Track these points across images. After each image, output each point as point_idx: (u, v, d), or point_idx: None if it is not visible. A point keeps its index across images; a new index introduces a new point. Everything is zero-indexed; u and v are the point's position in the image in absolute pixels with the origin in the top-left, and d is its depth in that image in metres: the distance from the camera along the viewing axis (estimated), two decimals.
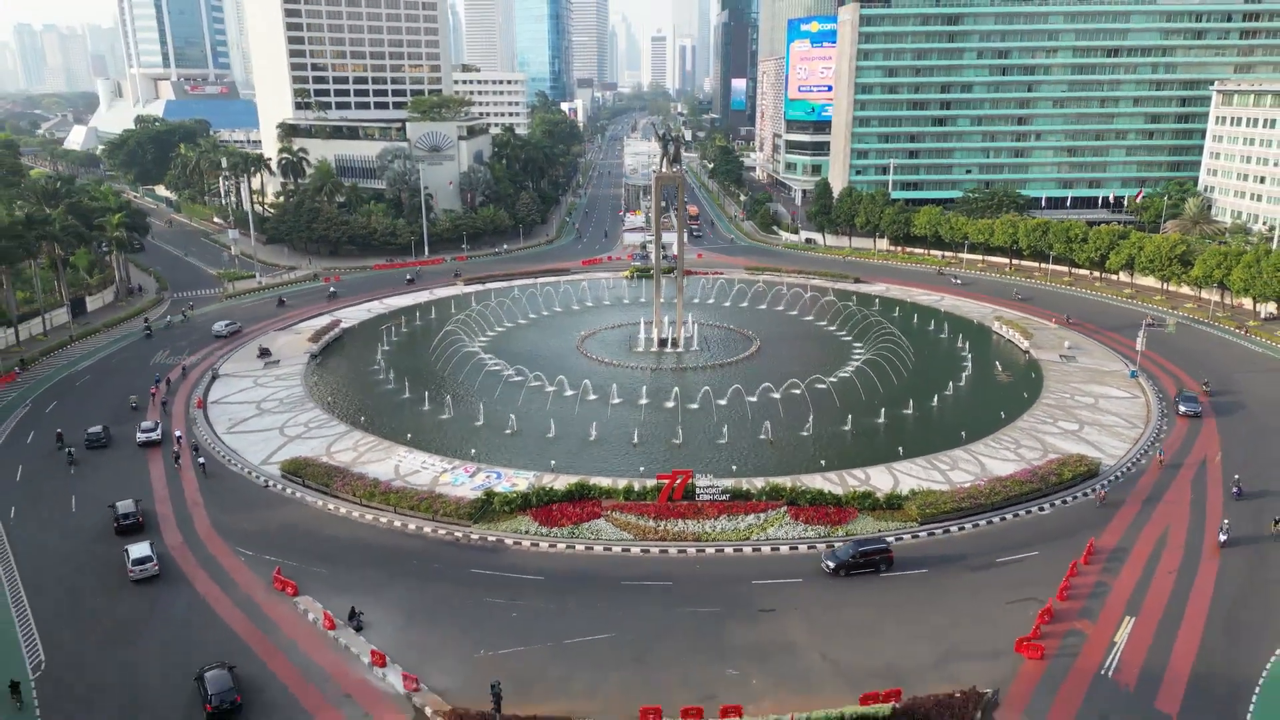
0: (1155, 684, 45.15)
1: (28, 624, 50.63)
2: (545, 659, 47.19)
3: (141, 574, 54.46)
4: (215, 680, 43.38)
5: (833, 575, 54.67)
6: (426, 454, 72.33)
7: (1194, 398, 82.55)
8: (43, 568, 56.68)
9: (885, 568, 55.18)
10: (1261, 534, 59.49)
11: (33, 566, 56.78)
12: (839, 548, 56.77)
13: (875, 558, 55.17)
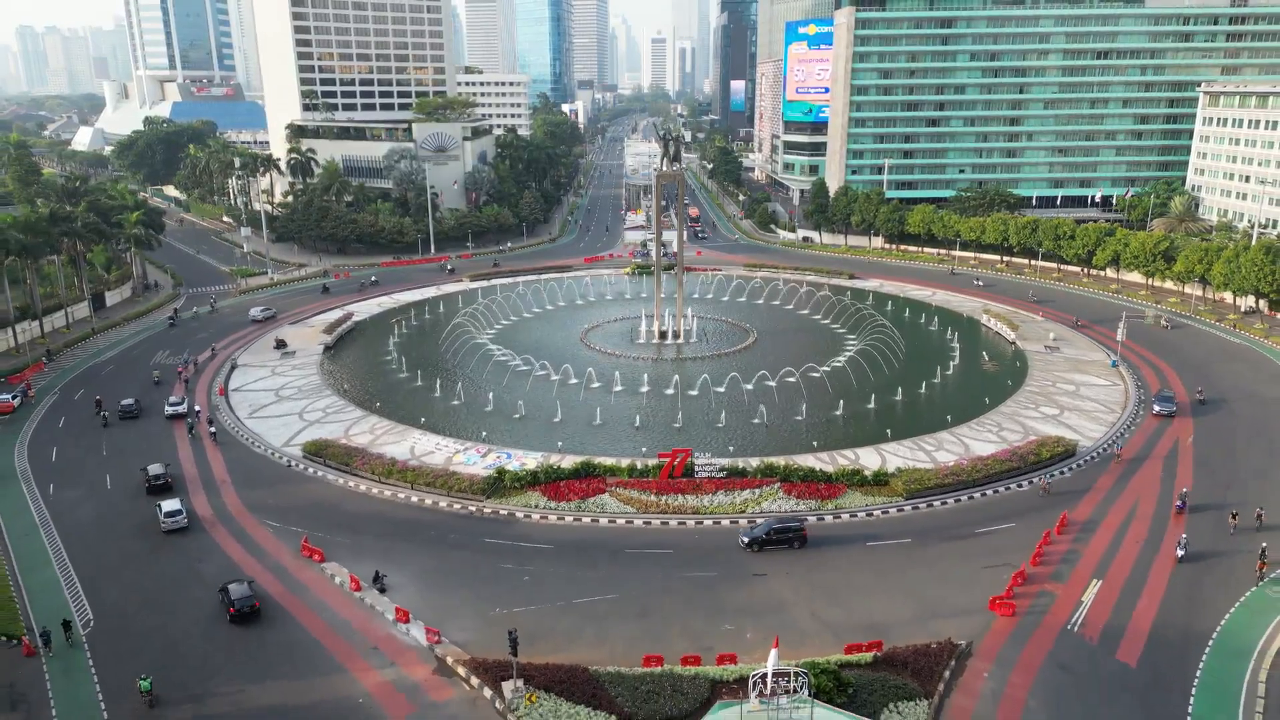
0: (1117, 638, 49.15)
1: (69, 576, 54.77)
2: (556, 616, 51.18)
3: (173, 525, 60.99)
4: (237, 590, 51.15)
5: (747, 549, 58.23)
6: (440, 436, 76.38)
7: (1170, 398, 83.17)
8: (82, 523, 61.57)
9: (799, 544, 58.38)
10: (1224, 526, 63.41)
11: (73, 523, 61.59)
12: (757, 524, 60.16)
13: (789, 535, 58.55)
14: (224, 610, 50.68)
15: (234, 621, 50.02)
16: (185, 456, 74.12)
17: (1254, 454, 73.24)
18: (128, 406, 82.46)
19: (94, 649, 48.42)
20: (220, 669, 46.62)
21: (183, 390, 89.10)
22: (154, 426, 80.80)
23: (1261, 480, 67.99)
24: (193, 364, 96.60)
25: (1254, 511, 60.61)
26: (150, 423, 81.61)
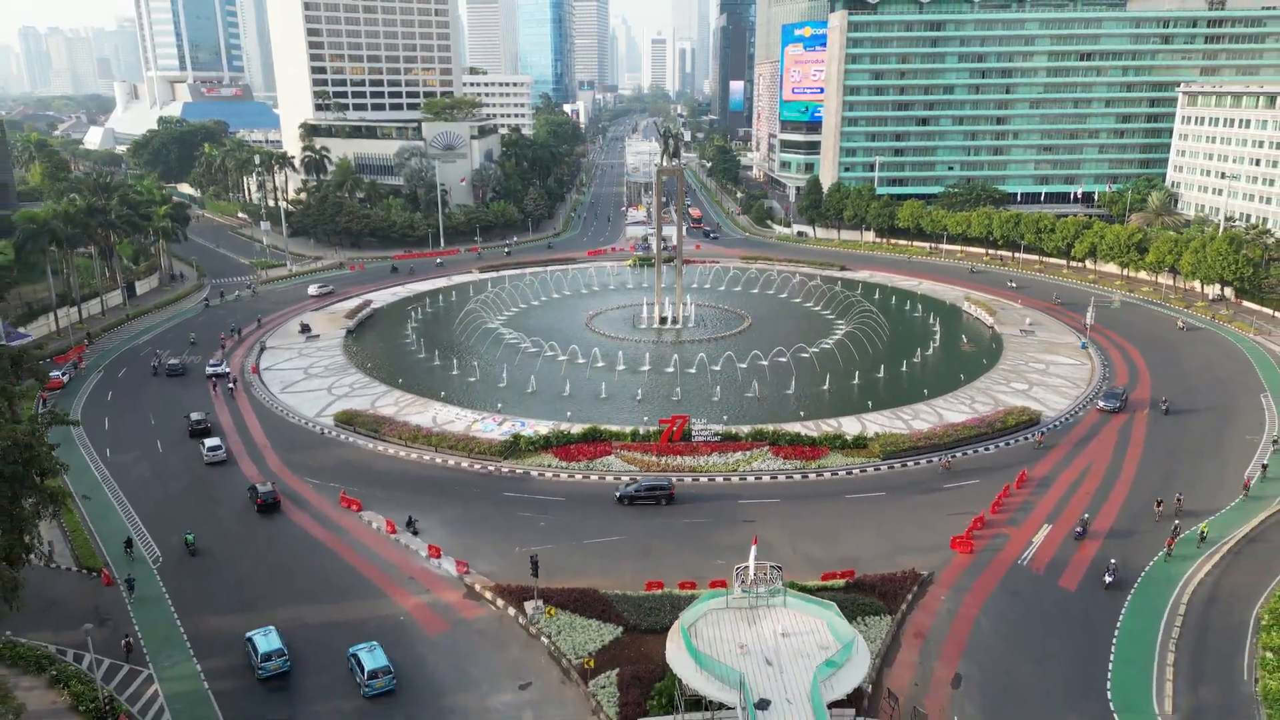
0: (1060, 570, 56.17)
1: (132, 518, 61.87)
2: (569, 554, 58.13)
3: (214, 458, 72.69)
4: (262, 488, 64.83)
5: (618, 503, 64.95)
6: (459, 408, 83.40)
7: (1116, 394, 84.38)
8: (142, 476, 68.80)
9: (666, 502, 64.95)
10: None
11: (132, 479, 68.86)
12: (628, 483, 66.45)
13: (658, 494, 65.18)
14: (252, 504, 64.46)
15: (260, 512, 63.72)
16: (220, 405, 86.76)
17: (1201, 436, 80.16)
18: (174, 366, 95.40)
19: (163, 576, 55.51)
20: (253, 546, 59.56)
21: (222, 355, 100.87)
22: (195, 384, 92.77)
23: (1198, 464, 74.52)
24: (237, 333, 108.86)
25: (1174, 497, 63.53)
26: (193, 380, 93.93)
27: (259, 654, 45.97)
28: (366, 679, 44.24)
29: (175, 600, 53.23)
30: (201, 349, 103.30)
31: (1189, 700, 44.39)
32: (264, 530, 61.95)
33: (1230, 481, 67.78)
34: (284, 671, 46.16)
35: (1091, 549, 58.57)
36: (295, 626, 49.96)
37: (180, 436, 77.92)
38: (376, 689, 44.18)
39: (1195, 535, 58.80)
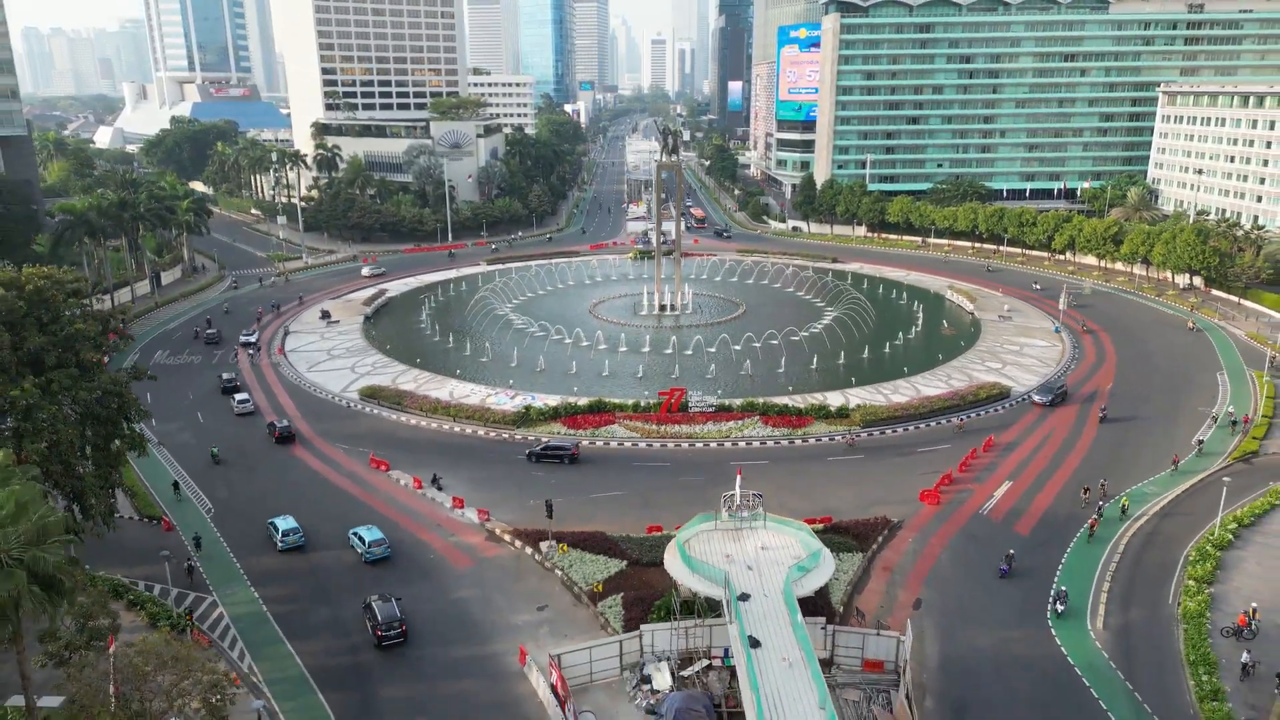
0: (1016, 518, 63.02)
1: (182, 474, 68.78)
2: (577, 505, 64.84)
3: (243, 409, 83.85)
4: (280, 423, 77.39)
5: (526, 460, 72.59)
6: (474, 384, 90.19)
7: (1052, 388, 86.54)
8: (185, 444, 75.37)
9: (569, 461, 72.36)
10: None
11: (178, 445, 75.36)
12: (534, 442, 74.58)
13: (561, 453, 72.73)
14: (270, 436, 77.25)
15: (278, 442, 76.53)
16: (246, 368, 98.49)
17: (1159, 407, 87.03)
18: (211, 335, 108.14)
19: (215, 523, 62.41)
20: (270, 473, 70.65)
21: (256, 327, 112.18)
22: (230, 349, 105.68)
23: (1148, 436, 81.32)
24: (276, 309, 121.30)
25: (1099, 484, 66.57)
26: (227, 348, 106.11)
27: (279, 531, 58.63)
28: (367, 548, 57.05)
29: (230, 541, 60.09)
30: (237, 323, 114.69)
31: (1118, 618, 51.22)
32: (280, 455, 75.06)
33: (1179, 450, 74.40)
34: (299, 545, 58.86)
35: (1047, 499, 65.46)
36: (347, 569, 56.96)
37: (214, 395, 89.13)
38: (376, 555, 57.09)
39: (1118, 507, 63.48)
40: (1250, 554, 57.79)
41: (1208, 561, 55.46)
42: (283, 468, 72.73)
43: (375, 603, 49.95)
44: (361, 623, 50.41)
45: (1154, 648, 48.71)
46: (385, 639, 48.58)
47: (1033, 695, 44.97)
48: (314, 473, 71.59)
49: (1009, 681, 46.06)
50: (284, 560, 57.83)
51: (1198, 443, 73.62)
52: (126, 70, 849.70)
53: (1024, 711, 43.76)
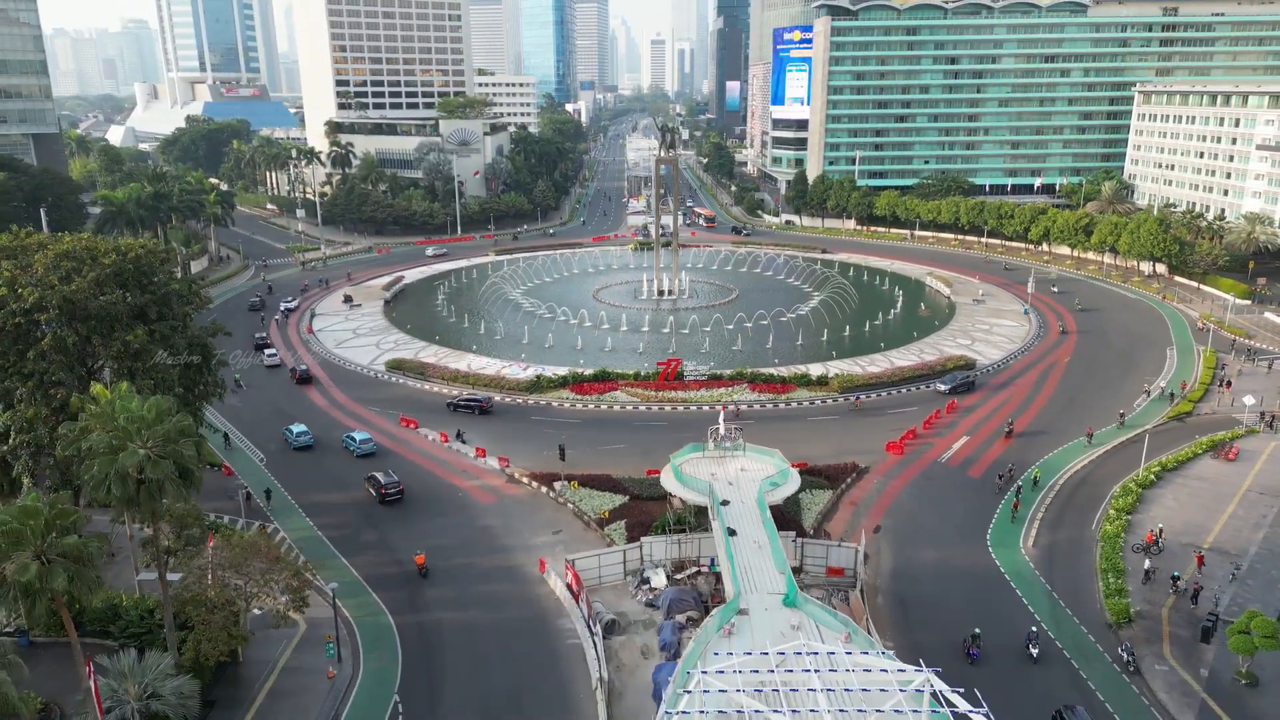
0: (970, 464, 72.03)
1: (220, 419, 77.71)
2: (584, 456, 73.64)
3: (270, 362, 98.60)
4: (298, 367, 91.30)
5: (446, 408, 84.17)
6: (489, 358, 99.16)
7: (956, 379, 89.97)
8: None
9: (480, 413, 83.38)
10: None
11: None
12: (454, 395, 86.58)
13: (473, 405, 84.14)
14: (292, 378, 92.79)
15: (298, 383, 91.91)
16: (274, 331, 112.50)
17: (1105, 379, 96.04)
18: (254, 303, 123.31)
19: (269, 468, 71.48)
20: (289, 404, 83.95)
21: (299, 297, 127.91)
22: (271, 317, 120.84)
23: (1096, 400, 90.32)
24: (325, 284, 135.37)
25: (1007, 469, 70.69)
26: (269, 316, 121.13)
27: (293, 434, 76.05)
28: (358, 445, 73.91)
29: (285, 482, 69.15)
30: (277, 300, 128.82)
31: (1046, 540, 60.23)
32: (297, 392, 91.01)
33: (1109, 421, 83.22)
34: (309, 445, 75.13)
35: (998, 450, 74.49)
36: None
37: (248, 351, 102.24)
38: (364, 450, 73.33)
39: (1029, 479, 69.24)
40: (1169, 492, 66.79)
41: (1130, 496, 64.44)
42: (298, 399, 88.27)
43: (376, 475, 66.33)
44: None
45: (1074, 562, 57.71)
46: (388, 496, 65.13)
47: (966, 595, 53.93)
48: (317, 402, 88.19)
49: (948, 585, 55.05)
50: (298, 455, 73.56)
51: (1120, 415, 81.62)
52: (129, 70, 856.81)
53: (958, 606, 52.67)
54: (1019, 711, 42.49)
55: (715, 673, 28.69)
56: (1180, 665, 47.21)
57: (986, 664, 46.79)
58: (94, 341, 51.50)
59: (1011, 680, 45.51)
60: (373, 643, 49.73)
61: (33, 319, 49.23)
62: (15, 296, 49.10)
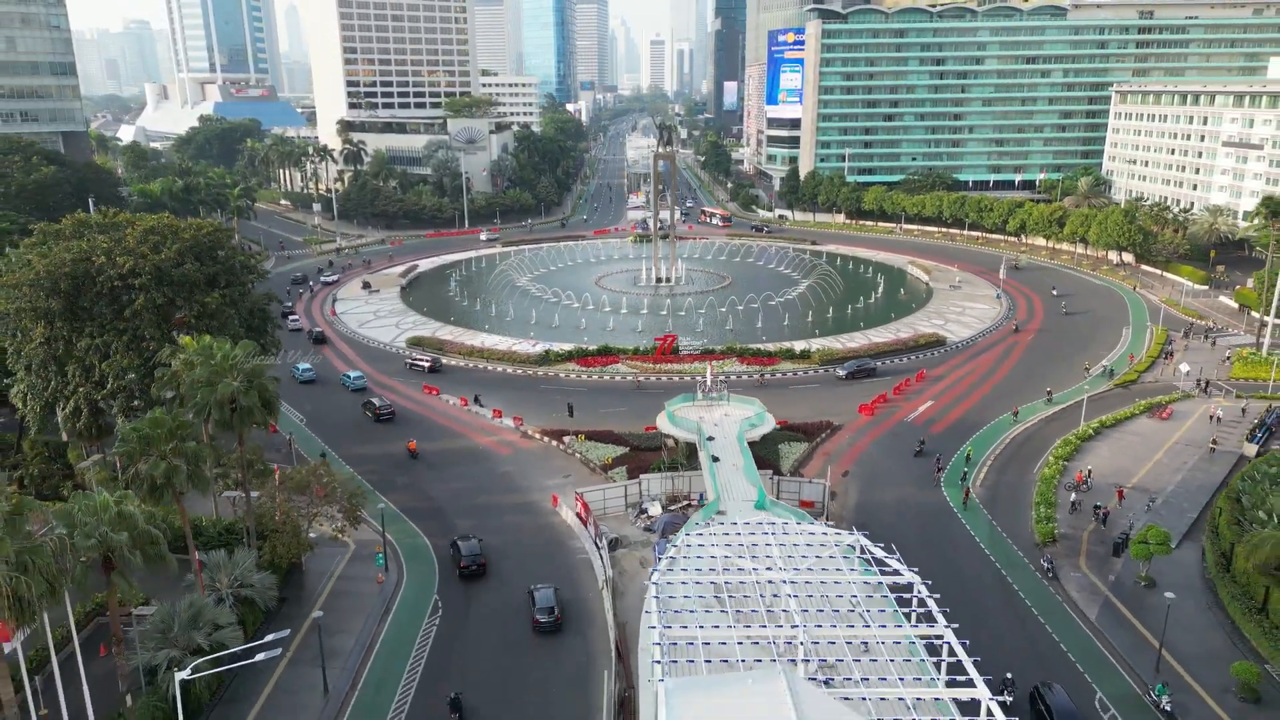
0: (933, 423, 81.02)
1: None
2: (590, 416, 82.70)
3: (293, 325, 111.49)
4: (315, 329, 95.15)
5: (403, 368, 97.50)
6: (500, 336, 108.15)
7: (853, 366, 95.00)
8: None
9: (429, 371, 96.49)
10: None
11: None
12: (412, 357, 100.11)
13: (422, 364, 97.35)
14: (311, 340, 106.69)
15: (315, 342, 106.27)
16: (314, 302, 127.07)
17: (1061, 356, 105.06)
18: (298, 278, 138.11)
19: (310, 427, 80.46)
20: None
21: (341, 275, 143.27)
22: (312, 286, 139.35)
23: (1048, 373, 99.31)
24: (368, 264, 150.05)
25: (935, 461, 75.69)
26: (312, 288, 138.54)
27: (299, 370, 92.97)
28: (353, 381, 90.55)
29: (322, 435, 78.18)
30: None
31: (991, 482, 69.27)
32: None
33: (1074, 378, 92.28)
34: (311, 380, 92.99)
35: (959, 412, 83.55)
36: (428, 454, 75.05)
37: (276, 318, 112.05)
38: (357, 385, 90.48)
39: (962, 457, 75.62)
40: (1106, 444, 75.82)
41: (1069, 447, 73.49)
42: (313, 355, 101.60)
43: (372, 400, 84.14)
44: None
45: (1013, 498, 66.74)
46: (381, 415, 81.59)
47: (919, 525, 62.90)
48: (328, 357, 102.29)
49: (904, 516, 64.04)
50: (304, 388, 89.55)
51: (1047, 392, 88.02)
52: (131, 71, 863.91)
53: (913, 534, 61.54)
54: (946, 589, 51.37)
55: (696, 535, 37.68)
56: (1092, 573, 56.26)
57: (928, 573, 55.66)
58: (176, 303, 60.41)
59: (948, 578, 54.41)
60: (412, 557, 58.78)
61: (128, 283, 58.09)
62: (113, 264, 58.04)
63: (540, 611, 49.84)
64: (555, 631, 50.14)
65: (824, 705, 25.95)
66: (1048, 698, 42.49)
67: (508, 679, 46.82)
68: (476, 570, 55.78)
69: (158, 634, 42.25)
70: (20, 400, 59.88)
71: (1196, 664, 47.39)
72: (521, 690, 45.95)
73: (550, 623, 49.61)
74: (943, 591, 41.95)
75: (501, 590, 55.34)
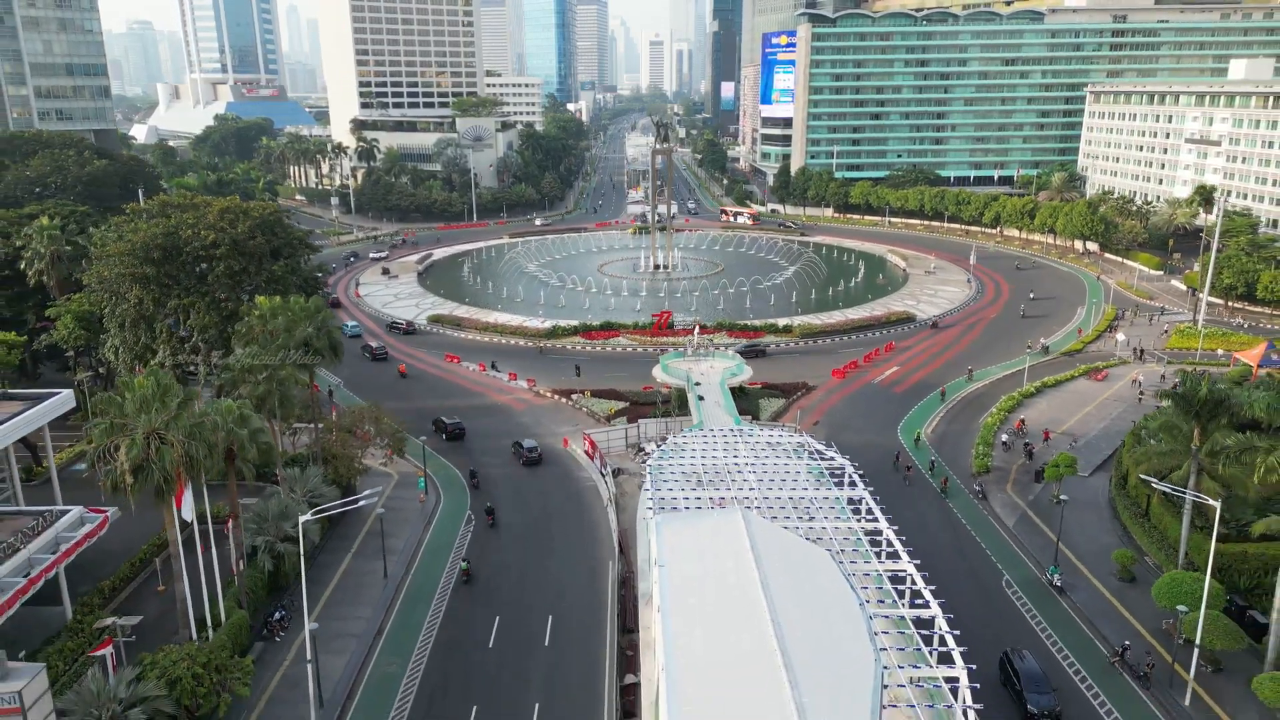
0: (897, 385, 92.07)
1: None
2: (594, 379, 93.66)
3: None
4: (330, 295, 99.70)
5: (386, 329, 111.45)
6: (511, 314, 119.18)
7: (746, 346, 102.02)
8: None
9: (403, 333, 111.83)
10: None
11: None
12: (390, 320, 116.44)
13: (399, 326, 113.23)
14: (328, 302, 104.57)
15: (331, 306, 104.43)
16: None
17: (1018, 333, 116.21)
18: (348, 257, 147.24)
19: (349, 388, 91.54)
20: None
21: (389, 251, 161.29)
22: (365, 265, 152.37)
23: (1001, 345, 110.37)
24: (403, 241, 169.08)
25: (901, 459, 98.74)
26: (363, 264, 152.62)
27: (349, 327, 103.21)
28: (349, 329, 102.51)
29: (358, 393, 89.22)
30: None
31: (941, 430, 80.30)
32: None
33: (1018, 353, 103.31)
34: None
35: (920, 376, 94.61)
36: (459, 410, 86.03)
37: None
38: (353, 332, 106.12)
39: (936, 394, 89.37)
40: (1045, 400, 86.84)
41: (1011, 402, 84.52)
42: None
43: (370, 343, 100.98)
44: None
45: (958, 440, 77.79)
46: (376, 355, 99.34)
47: (877, 459, 73.79)
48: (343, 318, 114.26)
49: (863, 453, 74.72)
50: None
51: (969, 370, 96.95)
52: (134, 71, 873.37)
53: (870, 467, 71.99)
54: (894, 506, 62.46)
55: (683, 437, 48.75)
56: (1015, 495, 67.38)
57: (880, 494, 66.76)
58: (249, 270, 71.29)
59: (896, 498, 65.40)
60: (446, 484, 69.84)
61: (209, 253, 69.03)
62: (197, 237, 68.97)
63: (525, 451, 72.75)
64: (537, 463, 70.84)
65: (767, 528, 36.99)
66: (1016, 662, 45.24)
67: (530, 570, 57.83)
68: (536, 458, 73.02)
69: (255, 524, 53.26)
70: (112, 353, 70.80)
71: (1090, 558, 58.41)
72: (543, 577, 56.92)
73: (535, 458, 71.86)
74: (889, 506, 50.44)
75: (525, 502, 66.57)
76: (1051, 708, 42.63)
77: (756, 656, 29.49)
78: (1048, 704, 42.70)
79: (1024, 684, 43.59)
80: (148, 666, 39.41)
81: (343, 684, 46.20)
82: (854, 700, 27.38)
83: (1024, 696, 42.99)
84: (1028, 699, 42.81)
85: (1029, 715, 42.34)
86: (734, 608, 32.18)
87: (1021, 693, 43.27)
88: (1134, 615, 52.01)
